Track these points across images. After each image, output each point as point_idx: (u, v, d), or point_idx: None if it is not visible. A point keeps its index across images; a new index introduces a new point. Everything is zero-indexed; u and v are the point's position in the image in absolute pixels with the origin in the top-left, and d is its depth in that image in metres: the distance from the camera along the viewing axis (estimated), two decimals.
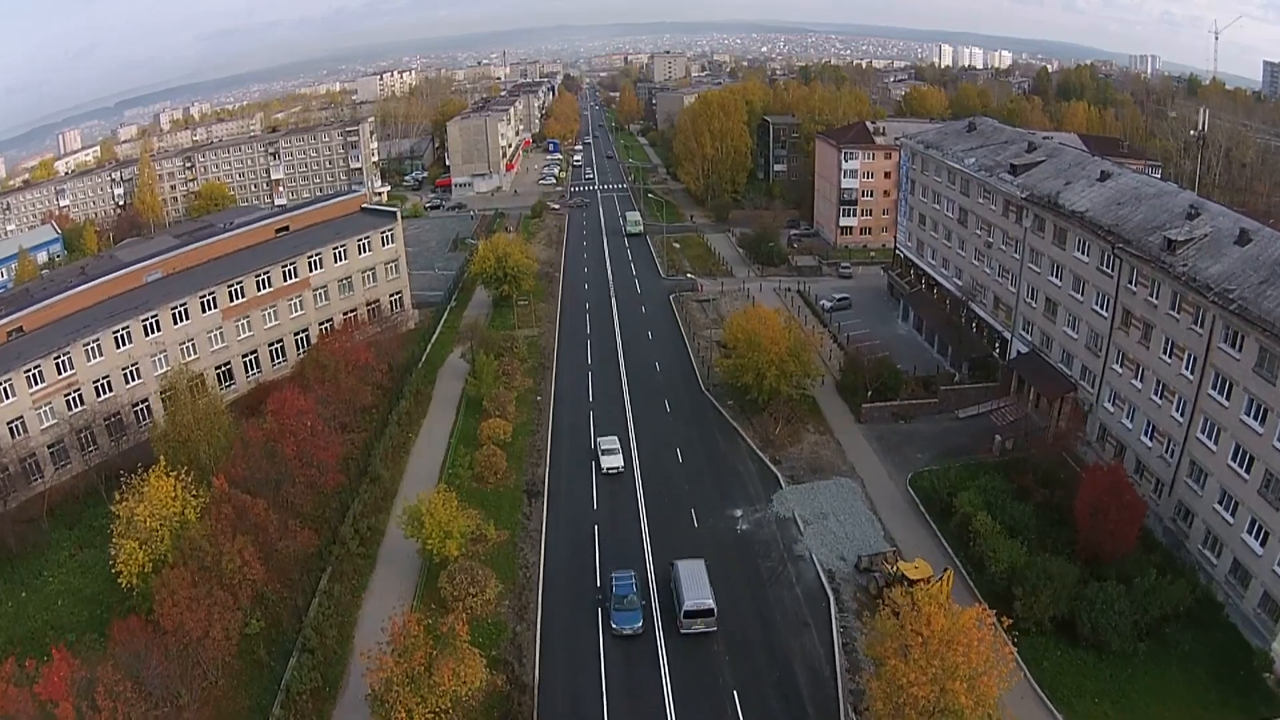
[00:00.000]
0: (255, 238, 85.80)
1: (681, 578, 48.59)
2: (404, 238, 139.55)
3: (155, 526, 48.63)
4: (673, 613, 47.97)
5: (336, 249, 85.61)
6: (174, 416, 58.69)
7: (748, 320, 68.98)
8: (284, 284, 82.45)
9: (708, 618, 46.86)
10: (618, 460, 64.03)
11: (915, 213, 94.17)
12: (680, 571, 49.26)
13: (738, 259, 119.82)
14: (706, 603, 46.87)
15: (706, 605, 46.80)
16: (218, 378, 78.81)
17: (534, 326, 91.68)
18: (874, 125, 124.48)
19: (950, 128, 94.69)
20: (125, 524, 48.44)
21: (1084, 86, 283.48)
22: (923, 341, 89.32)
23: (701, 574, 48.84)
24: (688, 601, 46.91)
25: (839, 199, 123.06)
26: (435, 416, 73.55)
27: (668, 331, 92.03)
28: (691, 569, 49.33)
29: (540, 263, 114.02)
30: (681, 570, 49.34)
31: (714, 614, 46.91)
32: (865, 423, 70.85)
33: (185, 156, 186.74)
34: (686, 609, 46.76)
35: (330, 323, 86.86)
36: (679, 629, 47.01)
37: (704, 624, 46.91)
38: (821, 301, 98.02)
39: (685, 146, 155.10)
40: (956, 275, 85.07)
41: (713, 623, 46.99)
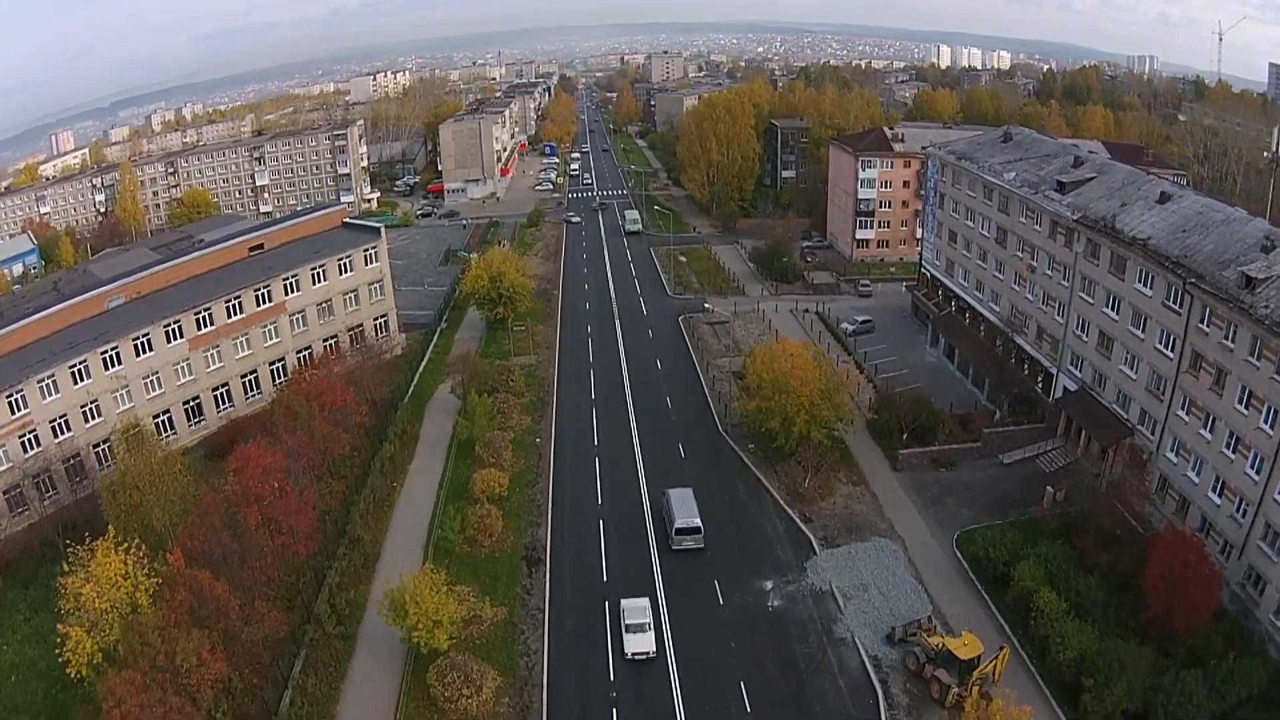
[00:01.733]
0: (226, 257, 78.22)
1: (673, 502, 56.24)
2: (393, 250, 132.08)
3: (105, 609, 42.91)
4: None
5: (315, 269, 78.07)
6: (123, 478, 51.16)
7: (773, 358, 61.47)
8: (257, 309, 74.97)
9: (695, 535, 54.55)
10: (647, 642, 46.39)
11: (944, 229, 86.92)
12: (671, 497, 56.83)
13: (749, 274, 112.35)
14: (694, 521, 54.63)
15: (694, 524, 54.56)
16: (186, 414, 72.01)
17: (531, 353, 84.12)
18: (892, 132, 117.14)
19: (984, 138, 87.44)
20: (73, 602, 43.03)
21: (1090, 89, 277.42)
22: (955, 371, 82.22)
23: (690, 499, 56.56)
24: (678, 520, 54.58)
25: (855, 210, 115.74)
26: (423, 461, 66.11)
27: (678, 359, 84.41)
28: (682, 495, 57.05)
29: (537, 278, 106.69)
30: (673, 496, 56.96)
31: (701, 532, 54.61)
32: (902, 470, 63.75)
33: (168, 162, 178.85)
34: (678, 527, 54.44)
35: (309, 350, 79.55)
36: (671, 546, 54.63)
37: (693, 541, 54.56)
38: (843, 325, 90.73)
39: (689, 151, 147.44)
40: (993, 300, 77.91)
41: (700, 540, 54.61)
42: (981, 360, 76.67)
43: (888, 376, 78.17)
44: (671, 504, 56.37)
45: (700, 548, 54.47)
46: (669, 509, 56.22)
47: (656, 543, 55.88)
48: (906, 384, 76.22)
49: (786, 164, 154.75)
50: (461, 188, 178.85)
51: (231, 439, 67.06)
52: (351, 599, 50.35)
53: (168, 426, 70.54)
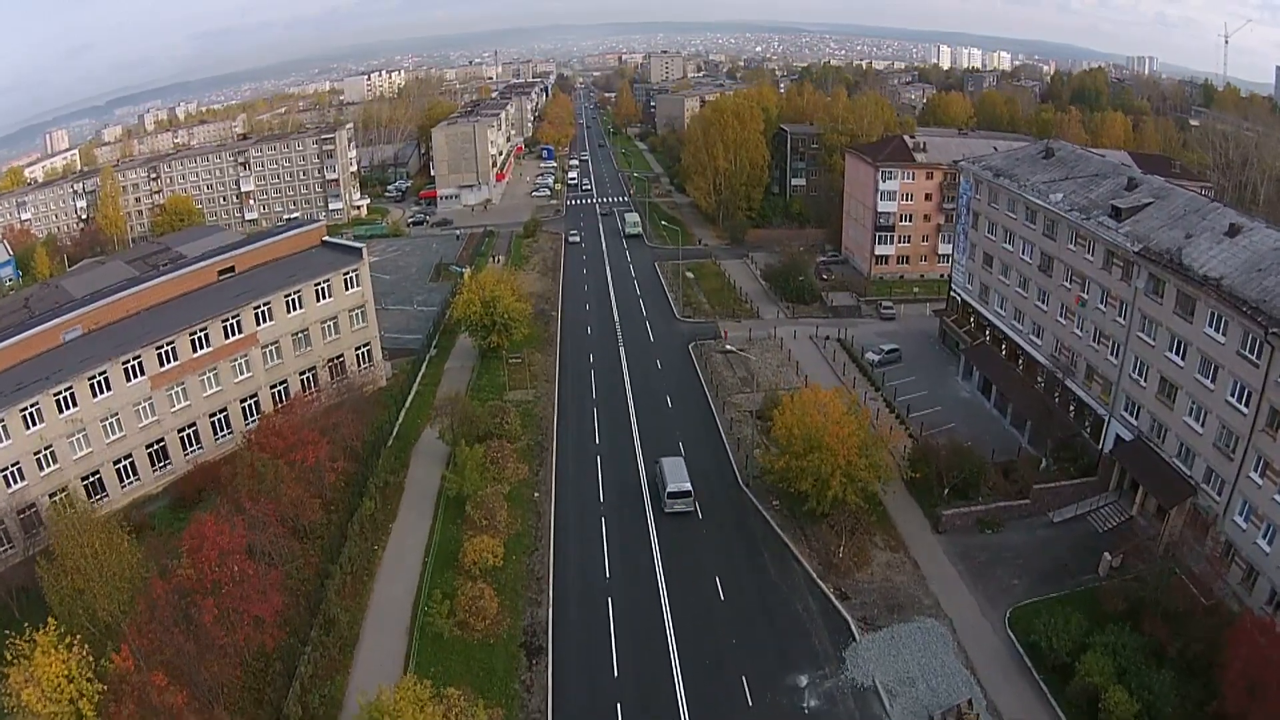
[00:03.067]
0: (193, 282, 71.08)
1: (665, 469, 59.96)
2: (381, 263, 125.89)
3: (51, 716, 38.20)
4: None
5: (290, 296, 70.97)
6: (64, 560, 44.14)
7: (804, 410, 54.27)
8: (226, 342, 68.04)
9: (686, 499, 58.08)
10: None
11: (978, 251, 79.99)
12: (664, 465, 60.62)
13: (761, 294, 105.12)
14: (685, 485, 58.35)
15: (685, 488, 58.23)
16: (150, 458, 65.49)
17: (529, 387, 76.85)
18: (913, 141, 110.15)
19: (1022, 152, 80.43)
20: (15, 703, 38.33)
21: (1099, 92, 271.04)
22: (991, 409, 75.36)
23: (681, 466, 60.51)
24: (670, 485, 58.25)
25: (874, 224, 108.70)
26: (408, 519, 58.94)
27: (690, 396, 76.97)
28: (674, 463, 61.03)
29: (534, 297, 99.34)
30: (665, 464, 60.71)
31: (691, 495, 58.26)
32: (944, 532, 56.84)
33: (150, 167, 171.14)
34: (670, 490, 58.05)
35: (284, 385, 72.59)
36: (664, 509, 58.19)
37: (683, 504, 58.09)
38: (867, 354, 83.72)
39: (695, 159, 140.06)
40: (1034, 333, 71.05)
41: (690, 503, 58.19)
42: (1022, 399, 69.88)
43: (920, 416, 71.67)
44: (664, 470, 60.18)
45: (690, 510, 58.28)
46: (661, 474, 60.13)
47: (673, 623, 48.84)
48: (941, 425, 69.77)
49: (796, 171, 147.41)
50: (455, 194, 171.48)
51: (199, 486, 61.58)
52: (327, 695, 43.40)
53: (130, 473, 64.46)
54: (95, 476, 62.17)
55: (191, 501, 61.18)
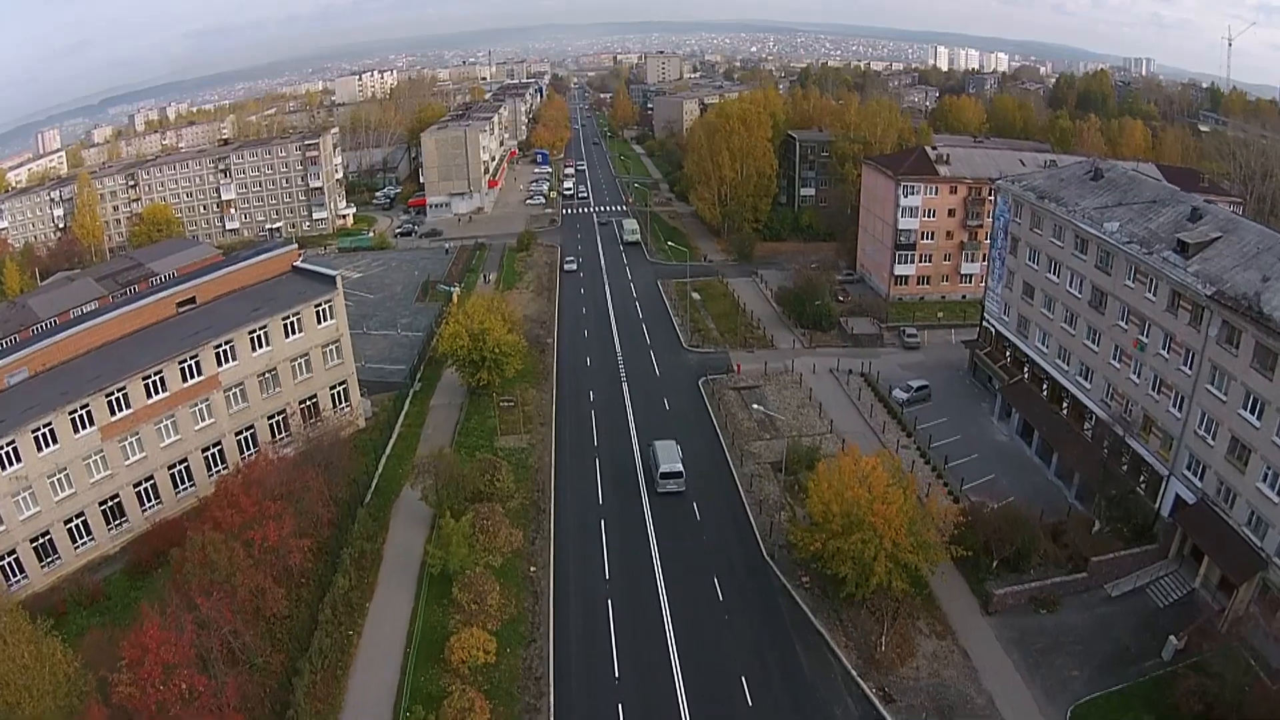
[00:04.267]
0: (150, 316, 63.41)
1: (658, 451, 62.12)
2: (364, 280, 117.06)
3: None
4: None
5: (255, 333, 63.45)
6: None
7: (843, 482, 46.95)
8: (184, 386, 60.45)
9: (677, 479, 60.46)
10: None
11: (1017, 280, 72.97)
12: (657, 448, 62.70)
13: (773, 317, 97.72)
14: (676, 467, 60.68)
15: (676, 469, 60.62)
16: (104, 515, 58.34)
17: (522, 431, 69.36)
18: (935, 152, 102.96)
19: (1066, 172, 73.42)
20: None
21: (1105, 96, 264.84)
22: (1032, 456, 68.57)
23: (674, 448, 62.62)
24: (663, 466, 60.51)
25: (895, 242, 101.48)
26: (387, 595, 51.61)
27: (703, 445, 68.98)
28: (666, 446, 62.96)
29: (528, 321, 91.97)
30: (658, 447, 62.83)
31: (682, 476, 60.68)
32: (995, 613, 49.94)
33: (128, 174, 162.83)
34: (662, 471, 60.35)
35: (251, 431, 65.20)
36: (656, 489, 60.73)
37: (675, 484, 60.52)
38: (895, 391, 76.57)
39: (699, 167, 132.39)
40: (1082, 375, 64.23)
41: (682, 483, 60.63)
42: (1070, 449, 63.04)
43: (957, 466, 64.80)
44: (656, 452, 62.33)
45: (682, 490, 60.91)
46: (654, 456, 62.36)
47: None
48: (980, 478, 63.16)
49: (805, 181, 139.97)
50: (445, 202, 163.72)
51: (158, 548, 54.04)
52: None
53: (82, 532, 57.43)
54: (45, 538, 55.32)
55: (150, 565, 54.51)
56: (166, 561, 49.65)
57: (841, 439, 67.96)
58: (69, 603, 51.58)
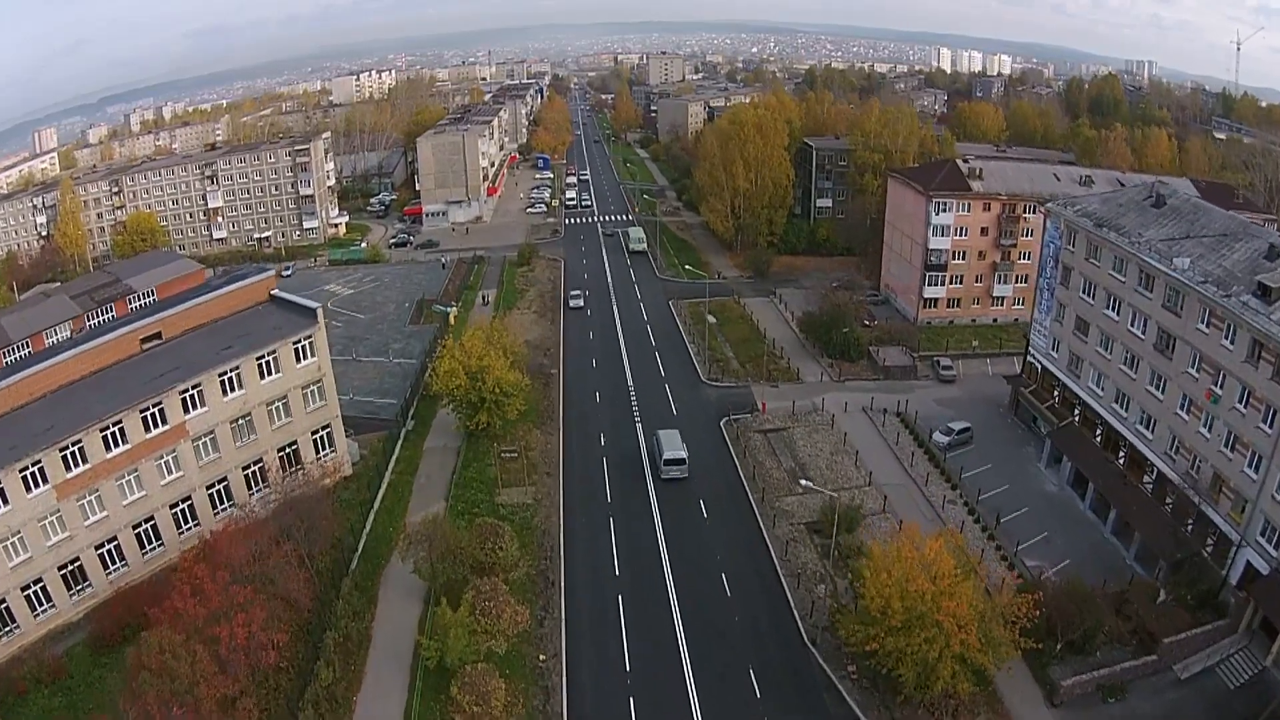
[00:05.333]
0: (111, 354, 56.13)
1: (661, 440, 64.52)
2: (355, 298, 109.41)
3: None
4: None
5: (226, 375, 56.33)
6: None
7: (905, 571, 39.95)
8: (146, 436, 53.41)
9: (681, 465, 62.83)
10: None
11: (1069, 314, 66.24)
12: (660, 436, 65.23)
13: (795, 343, 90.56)
14: (680, 454, 63.20)
15: (680, 456, 63.12)
16: (65, 580, 51.78)
17: (527, 483, 62.16)
18: (967, 166, 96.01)
19: (1124, 196, 66.59)
20: None
21: (1117, 101, 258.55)
22: (1085, 510, 62.15)
23: (677, 436, 65.33)
24: (666, 453, 63.07)
25: (924, 262, 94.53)
26: (376, 688, 44.48)
27: (729, 500, 61.60)
28: (670, 434, 65.63)
29: (530, 347, 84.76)
30: (661, 435, 65.28)
31: (685, 462, 62.97)
32: (1061, 704, 43.77)
33: (112, 180, 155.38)
34: (666, 458, 62.84)
35: (224, 483, 58.12)
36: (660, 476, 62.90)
37: (679, 471, 62.81)
38: (935, 435, 69.70)
39: (711, 177, 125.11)
40: (1143, 424, 57.79)
41: (685, 470, 62.85)
42: (1129, 506, 57.05)
43: (1007, 523, 57.98)
44: (660, 441, 64.64)
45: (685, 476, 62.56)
46: (658, 444, 64.50)
47: None
48: (1033, 538, 56.63)
49: (822, 192, 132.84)
50: (442, 210, 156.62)
51: (124, 620, 48.51)
52: None
53: (42, 599, 51.07)
54: (2, 605, 49.16)
55: (115, 639, 48.33)
56: (135, 633, 44.46)
57: (883, 495, 61.32)
58: (29, 681, 46.09)
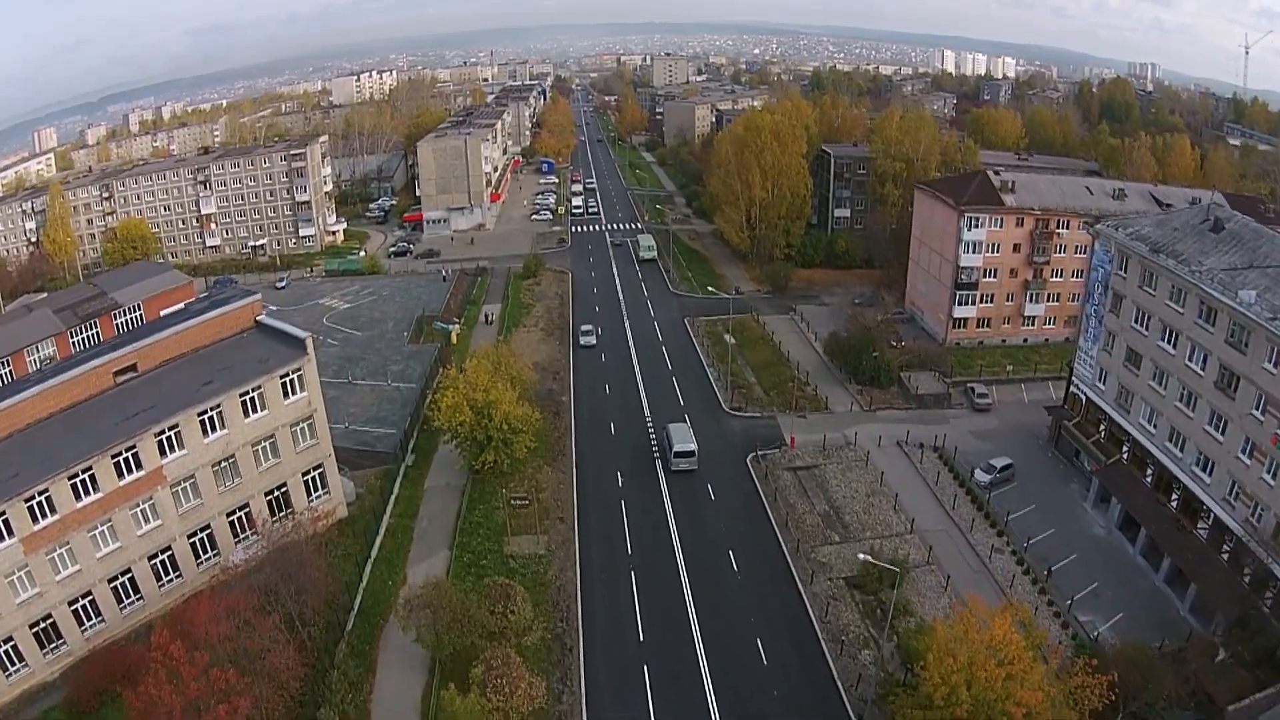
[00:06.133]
0: (81, 389, 50.88)
1: (671, 433, 66.38)
2: (351, 314, 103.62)
3: None
4: None
5: (206, 414, 51.07)
6: None
7: (970, 652, 34.83)
8: (120, 484, 48.19)
9: (690, 458, 64.58)
10: None
11: (1119, 344, 61.26)
12: (670, 430, 67.04)
13: (820, 365, 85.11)
14: (690, 446, 64.90)
15: (690, 448, 64.81)
16: (37, 638, 47.00)
17: (538, 530, 56.80)
18: (999, 179, 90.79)
19: (1179, 220, 61.38)
20: None
21: (1129, 106, 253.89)
22: (1134, 555, 57.45)
23: (687, 429, 67.45)
24: (676, 445, 64.74)
25: (955, 280, 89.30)
26: None
27: (761, 550, 55.93)
28: (680, 428, 67.63)
29: (539, 370, 79.64)
30: (671, 429, 67.22)
31: (695, 454, 64.82)
32: None
33: (102, 185, 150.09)
34: (676, 450, 64.51)
35: (207, 532, 52.88)
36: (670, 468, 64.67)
37: (687, 463, 64.65)
38: (976, 473, 64.55)
39: (726, 185, 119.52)
40: (1200, 466, 53.08)
41: (694, 461, 64.68)
42: (1184, 554, 52.41)
43: (1056, 571, 52.83)
44: (670, 434, 66.18)
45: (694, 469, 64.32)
46: (669, 437, 66.12)
47: None
48: (1083, 589, 52.02)
49: (840, 201, 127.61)
50: (443, 217, 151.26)
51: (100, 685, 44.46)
52: None
53: (13, 659, 46.37)
54: None
55: (93, 704, 44.20)
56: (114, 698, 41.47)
57: (927, 544, 56.21)
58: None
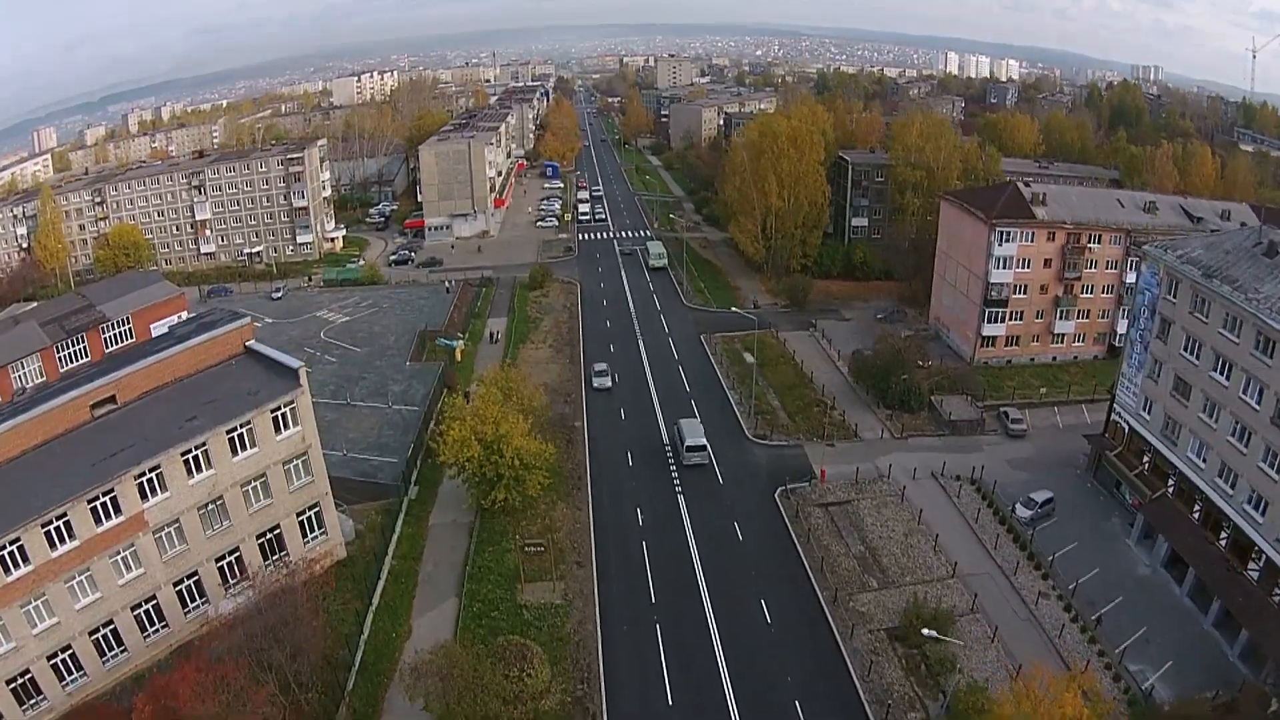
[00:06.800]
0: (56, 424, 46.72)
1: (683, 428, 68.04)
2: (349, 328, 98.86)
3: None
4: None
5: (190, 454, 46.74)
6: None
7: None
8: (98, 531, 44.03)
9: (701, 452, 66.23)
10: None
11: (1167, 373, 57.37)
12: (682, 425, 68.82)
13: (845, 388, 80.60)
14: (701, 440, 66.74)
15: (701, 442, 66.67)
16: (15, 695, 43.10)
17: (554, 576, 52.39)
18: (1030, 191, 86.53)
19: (1230, 242, 57.03)
20: None
21: (1140, 111, 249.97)
22: (1180, 596, 53.46)
23: (698, 425, 69.37)
24: (688, 440, 66.38)
25: (984, 297, 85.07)
26: None
27: (796, 600, 51.56)
28: (691, 423, 69.43)
29: (549, 392, 75.12)
30: (684, 424, 68.90)
31: (706, 448, 66.57)
32: None
33: (94, 189, 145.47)
34: (688, 445, 66.08)
35: (194, 579, 48.63)
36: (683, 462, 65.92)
37: (699, 457, 66.12)
38: (1017, 509, 60.43)
39: (741, 194, 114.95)
40: (1254, 505, 49.37)
41: (705, 456, 66.22)
42: (1234, 598, 48.53)
43: (1102, 615, 48.73)
44: (682, 429, 67.61)
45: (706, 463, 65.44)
46: (680, 432, 67.69)
47: None
48: (1130, 635, 48.17)
49: (858, 210, 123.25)
50: (446, 224, 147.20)
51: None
52: None
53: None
54: None
55: None
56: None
57: (971, 591, 52.03)
58: None
